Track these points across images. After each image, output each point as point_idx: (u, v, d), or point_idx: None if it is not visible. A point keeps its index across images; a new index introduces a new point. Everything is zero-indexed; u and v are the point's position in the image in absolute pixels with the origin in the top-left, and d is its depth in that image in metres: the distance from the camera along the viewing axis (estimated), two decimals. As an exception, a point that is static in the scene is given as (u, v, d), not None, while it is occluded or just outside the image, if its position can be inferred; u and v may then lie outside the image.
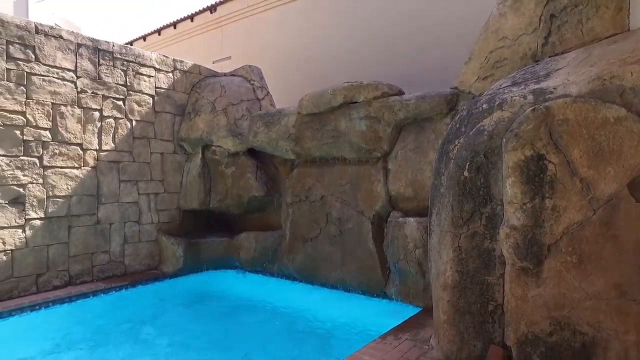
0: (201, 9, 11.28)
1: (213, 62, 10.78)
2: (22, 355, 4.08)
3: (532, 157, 2.62)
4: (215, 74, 7.16)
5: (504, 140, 2.73)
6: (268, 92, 7.01)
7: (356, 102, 4.92)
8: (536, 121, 2.64)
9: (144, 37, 13.27)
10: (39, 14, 6.89)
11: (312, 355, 3.98)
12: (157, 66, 6.33)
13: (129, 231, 5.89)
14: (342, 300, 5.18)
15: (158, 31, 12.76)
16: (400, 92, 4.98)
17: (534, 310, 2.68)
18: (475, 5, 6.17)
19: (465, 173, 2.91)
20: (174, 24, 12.14)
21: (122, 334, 4.64)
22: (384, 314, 4.54)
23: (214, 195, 6.39)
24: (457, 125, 3.18)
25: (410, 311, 4.37)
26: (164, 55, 6.48)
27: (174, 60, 6.58)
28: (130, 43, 13.67)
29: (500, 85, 3.42)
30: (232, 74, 7.18)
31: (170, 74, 6.50)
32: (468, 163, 2.90)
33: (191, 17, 11.62)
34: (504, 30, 4.37)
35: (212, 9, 11.03)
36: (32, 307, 4.65)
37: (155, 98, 6.27)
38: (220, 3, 10.75)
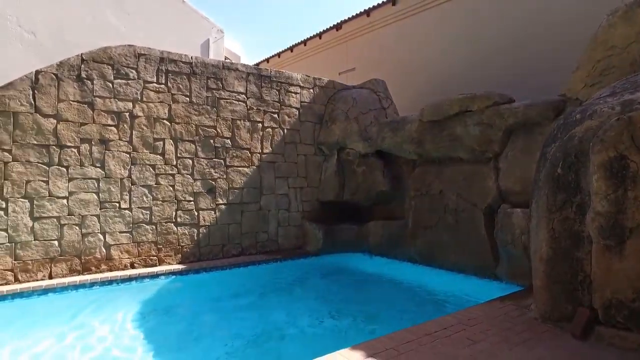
0: (328, 27, 12.82)
1: (339, 74, 12.25)
2: (216, 295, 5.86)
3: (615, 157, 3.33)
4: (346, 87, 8.49)
5: (591, 144, 3.46)
6: (392, 102, 8.13)
7: (470, 111, 5.78)
8: (619, 128, 3.34)
9: (278, 54, 15.34)
10: (216, 50, 9.01)
11: (430, 312, 4.99)
12: (301, 84, 7.87)
13: (282, 217, 7.52)
14: (457, 279, 6.08)
15: (290, 48, 14.67)
16: (511, 100, 5.70)
17: (618, 280, 3.37)
18: (576, 14, 6.53)
19: (559, 170, 3.69)
20: (304, 42, 13.90)
21: (279, 290, 6.24)
22: (493, 290, 5.34)
23: (347, 190, 7.72)
24: (555, 132, 3.95)
25: (516, 289, 5.13)
26: (306, 75, 8.00)
27: (314, 78, 8.07)
28: (267, 60, 15.91)
29: (600, 95, 4.06)
30: (361, 87, 8.44)
31: (311, 90, 8.00)
32: (561, 162, 3.67)
33: (319, 35, 13.23)
34: (613, 40, 4.88)
35: (337, 27, 12.49)
36: (222, 267, 6.44)
37: (300, 110, 7.82)
38: (345, 21, 12.15)
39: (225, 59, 9.45)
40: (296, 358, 3.07)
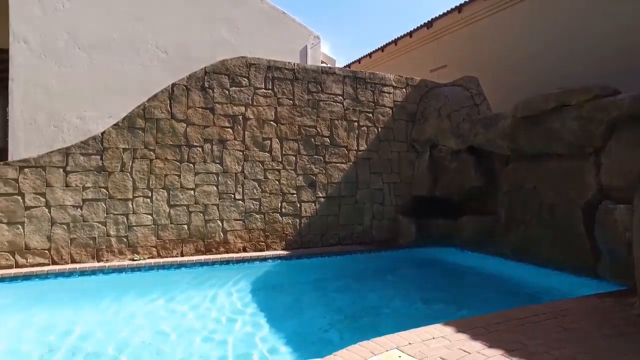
0: (418, 25, 12.94)
1: (430, 71, 12.34)
2: (316, 278, 6.55)
3: None
4: (437, 85, 8.68)
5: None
6: (485, 98, 8.16)
7: (568, 105, 5.71)
8: None
9: (369, 55, 15.76)
10: (313, 55, 9.75)
11: (521, 305, 5.08)
12: (394, 84, 8.25)
13: (376, 210, 7.99)
14: (551, 275, 6.01)
15: (381, 48, 15.01)
16: (616, 92, 5.52)
17: None
18: None
19: (661, 163, 3.67)
20: (395, 41, 14.15)
21: (373, 277, 6.75)
22: (591, 288, 5.25)
23: (439, 185, 7.95)
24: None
25: (618, 288, 5.00)
26: (399, 76, 8.36)
27: (406, 78, 8.39)
28: (359, 61, 16.43)
29: None
30: (453, 84, 8.58)
31: (404, 89, 8.33)
32: (663, 155, 3.65)
33: (410, 34, 13.40)
34: None
35: (428, 24, 12.56)
36: (321, 255, 7.08)
37: (393, 109, 8.20)
38: (436, 19, 12.19)
39: (321, 63, 10.14)
40: (392, 331, 3.49)
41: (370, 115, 7.98)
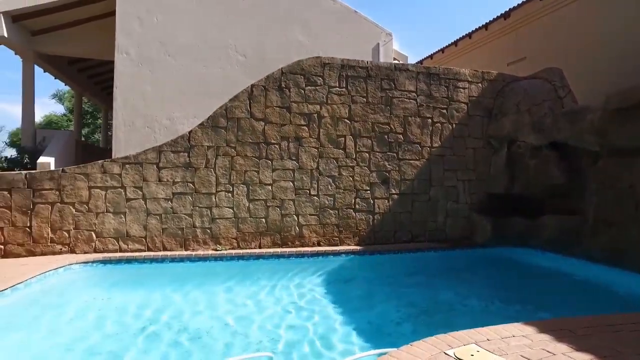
0: (495, 17, 12.41)
1: (508, 65, 11.80)
2: (389, 273, 6.60)
3: None
4: (516, 79, 8.31)
5: None
6: (569, 91, 7.68)
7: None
8: None
9: (442, 50, 15.39)
10: (385, 53, 9.78)
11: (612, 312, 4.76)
12: (469, 79, 8.03)
13: (450, 208, 7.84)
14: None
15: (455, 43, 14.59)
16: None
17: None
18: None
19: None
20: (469, 35, 13.68)
21: (447, 274, 6.68)
22: None
23: (517, 183, 7.62)
24: None
25: None
26: (474, 70, 8.12)
27: (482, 72, 8.13)
28: (431, 56, 16.10)
29: None
30: (533, 77, 8.16)
31: (480, 84, 8.08)
32: None
33: (485, 26, 12.89)
34: None
35: (505, 15, 12.00)
36: (394, 251, 7.11)
37: (469, 105, 7.99)
38: (514, 9, 11.61)
39: (393, 60, 10.12)
40: (467, 328, 3.46)
41: (445, 111, 7.85)
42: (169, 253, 6.45)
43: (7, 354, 3.81)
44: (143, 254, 6.35)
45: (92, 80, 14.63)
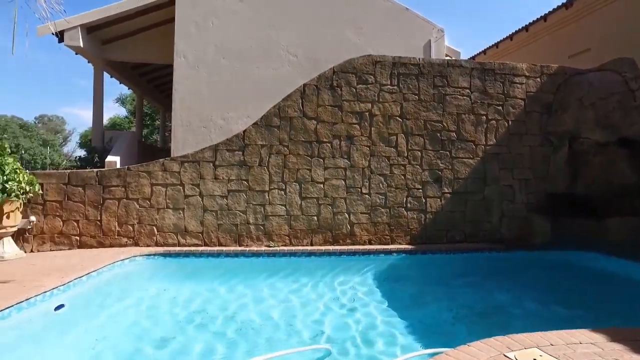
0: (555, 7, 11.79)
1: (569, 57, 11.21)
2: (441, 273, 6.54)
3: None
4: (579, 72, 7.86)
5: None
6: (641, 83, 7.16)
7: None
8: None
9: (496, 45, 14.82)
10: (437, 49, 9.59)
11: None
12: (527, 74, 7.71)
13: (505, 207, 7.57)
14: None
15: (510, 37, 14.00)
16: None
17: None
18: None
19: None
20: (526, 27, 13.08)
21: (502, 276, 6.48)
22: None
23: (580, 182, 7.22)
24: None
25: None
26: (532, 64, 7.78)
27: (541, 66, 7.77)
28: (484, 51, 15.56)
29: None
30: (599, 69, 7.69)
31: (538, 79, 7.73)
32: None
33: (544, 18, 12.27)
34: None
35: (567, 4, 11.37)
36: (446, 251, 6.96)
37: (526, 100, 7.67)
38: (578, -3, 10.97)
39: (445, 56, 9.90)
40: (524, 332, 3.33)
41: (500, 108, 7.58)
42: (224, 248, 6.70)
43: (87, 327, 4.28)
44: (200, 248, 6.64)
45: (152, 83, 15.43)
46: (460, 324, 4.74)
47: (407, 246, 7.08)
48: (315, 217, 7.05)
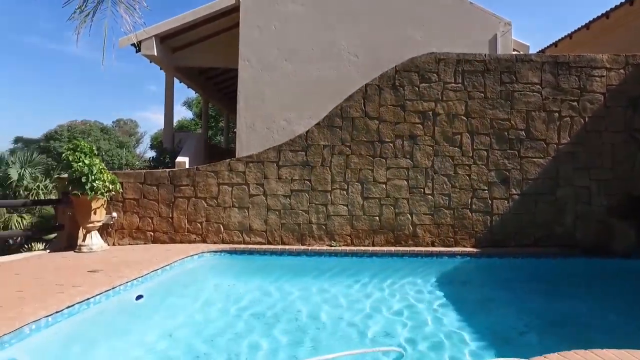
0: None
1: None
2: (507, 278, 6.25)
3: None
4: (671, 62, 7.17)
5: None
6: None
7: None
8: None
9: (570, 36, 13.85)
10: (503, 44, 9.19)
11: None
12: (607, 66, 7.15)
13: (580, 210, 7.08)
14: None
15: (587, 25, 12.97)
16: None
17: None
18: None
19: None
20: (606, 14, 12.06)
21: (578, 284, 6.08)
22: None
23: (670, 183, 6.58)
24: None
25: None
26: (614, 55, 7.20)
27: (625, 56, 7.17)
28: (555, 44, 14.61)
29: None
30: (692, 60, 6.97)
31: (622, 70, 7.14)
32: None
33: (630, 1, 11.28)
34: None
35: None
36: (514, 255, 6.64)
37: (606, 95, 7.12)
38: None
39: (513, 51, 9.44)
40: (606, 347, 3.09)
41: (575, 104, 7.10)
42: (287, 247, 6.86)
43: (161, 316, 4.63)
44: (264, 246, 6.85)
45: (217, 87, 16.13)
46: (532, 333, 4.51)
47: (471, 249, 6.85)
48: (377, 218, 7.02)
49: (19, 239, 13.01)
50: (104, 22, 4.43)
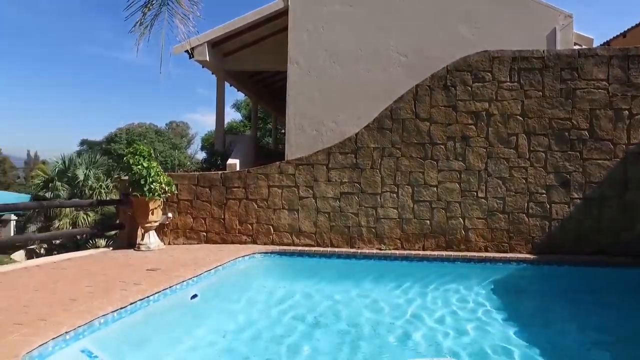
0: None
1: None
2: (569, 288, 5.99)
3: None
4: None
5: None
6: None
7: None
8: None
9: (623, 34, 12.95)
10: (563, 38, 8.68)
11: None
12: (685, 60, 6.57)
13: (652, 216, 6.57)
14: None
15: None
16: None
17: None
18: None
19: None
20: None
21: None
22: None
23: None
24: None
25: None
26: (691, 48, 6.62)
27: (703, 50, 6.59)
28: (623, 34, 13.65)
29: None
30: None
31: (699, 65, 6.54)
32: None
33: None
34: None
35: None
36: (576, 263, 6.26)
37: (682, 92, 6.56)
38: None
39: (574, 45, 8.91)
40: None
41: (647, 101, 6.60)
42: (336, 249, 6.87)
43: (216, 316, 4.80)
44: (313, 248, 6.90)
45: (266, 89, 16.43)
46: (600, 349, 4.24)
47: (528, 255, 6.54)
48: (428, 221, 6.87)
49: (86, 235, 14.53)
50: (160, 32, 4.63)
